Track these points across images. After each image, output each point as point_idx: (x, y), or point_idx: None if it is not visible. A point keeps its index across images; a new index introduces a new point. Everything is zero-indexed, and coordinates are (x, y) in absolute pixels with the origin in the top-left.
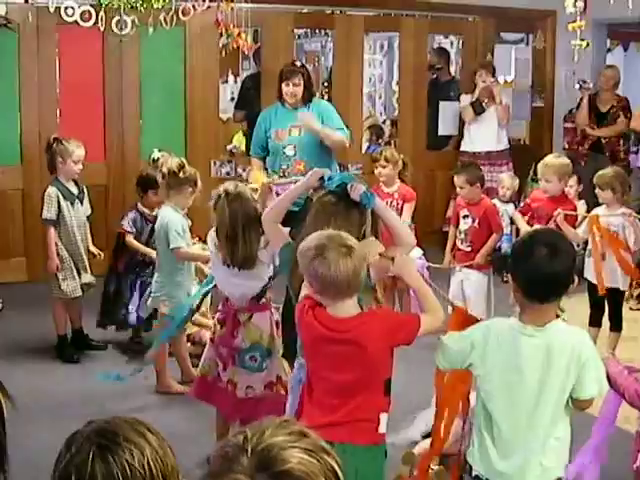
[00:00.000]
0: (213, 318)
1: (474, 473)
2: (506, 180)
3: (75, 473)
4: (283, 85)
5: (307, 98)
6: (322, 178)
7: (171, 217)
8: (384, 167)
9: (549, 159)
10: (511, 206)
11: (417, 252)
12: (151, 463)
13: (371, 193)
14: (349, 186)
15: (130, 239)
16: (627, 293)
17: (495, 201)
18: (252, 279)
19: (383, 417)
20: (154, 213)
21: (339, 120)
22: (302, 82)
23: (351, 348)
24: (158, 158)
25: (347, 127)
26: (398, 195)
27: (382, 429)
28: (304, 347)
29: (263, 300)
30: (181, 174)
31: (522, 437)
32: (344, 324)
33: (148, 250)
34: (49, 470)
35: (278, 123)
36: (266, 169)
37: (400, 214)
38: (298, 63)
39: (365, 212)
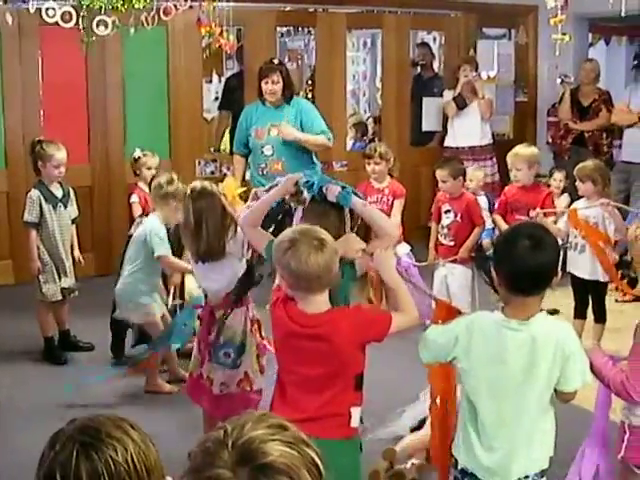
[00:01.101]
0: None
1: (459, 466)
2: (470, 173)
3: (59, 471)
4: (262, 83)
5: (287, 96)
6: (297, 182)
7: (154, 225)
8: (378, 164)
9: (518, 148)
10: (483, 198)
11: (405, 248)
12: (135, 458)
13: (347, 192)
14: (324, 188)
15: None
16: (612, 285)
17: None
18: (221, 272)
19: (355, 411)
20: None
21: (320, 121)
22: (281, 80)
23: (320, 344)
24: (139, 157)
25: (329, 127)
26: (388, 191)
27: (354, 423)
28: (274, 341)
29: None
30: (166, 187)
31: (507, 430)
32: (314, 320)
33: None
34: (35, 470)
35: (258, 121)
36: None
37: (390, 210)
38: (276, 60)
39: (343, 211)
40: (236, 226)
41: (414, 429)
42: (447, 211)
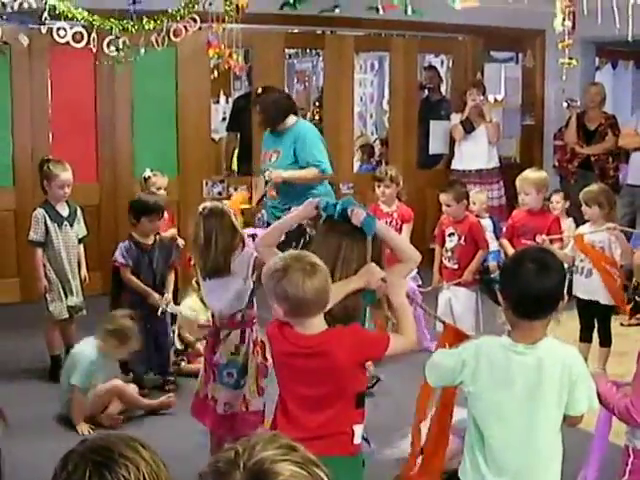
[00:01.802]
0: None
1: None
2: (474, 196)
3: None
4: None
5: (272, 124)
6: (317, 207)
7: (85, 354)
8: (388, 187)
9: (527, 173)
10: (488, 221)
11: (412, 271)
12: (147, 477)
13: (372, 217)
14: (349, 211)
15: (127, 274)
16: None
17: None
18: (226, 289)
19: (357, 429)
20: (149, 241)
21: (313, 151)
22: (260, 111)
23: (318, 361)
24: (149, 177)
25: (328, 152)
26: (397, 215)
27: (357, 440)
28: (274, 363)
29: (240, 316)
30: (108, 325)
31: (515, 454)
32: (311, 340)
33: (147, 290)
34: None
35: (265, 145)
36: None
37: (400, 234)
38: (260, 90)
39: (365, 235)
40: (243, 246)
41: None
42: (451, 234)
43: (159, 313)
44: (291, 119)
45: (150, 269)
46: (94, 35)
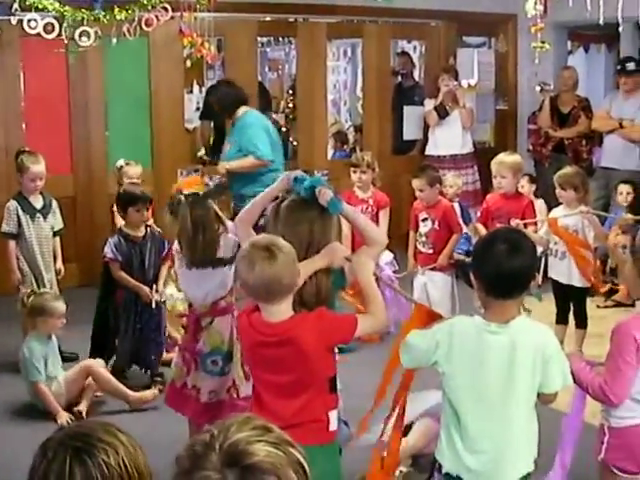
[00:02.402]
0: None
1: (444, 470)
2: (449, 179)
3: (54, 478)
4: None
5: (222, 116)
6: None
7: (32, 348)
8: (364, 172)
9: (502, 156)
10: (456, 205)
11: (387, 256)
12: (126, 461)
13: (338, 199)
14: (317, 190)
15: (117, 270)
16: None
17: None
18: (212, 279)
19: (332, 415)
20: (140, 233)
21: (252, 138)
22: (211, 103)
23: (287, 349)
24: (122, 167)
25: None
26: (373, 201)
27: (332, 427)
28: (244, 352)
29: (223, 303)
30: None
31: (490, 432)
32: (277, 328)
33: (137, 285)
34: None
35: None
36: None
37: (375, 220)
38: (213, 84)
39: (330, 216)
40: (226, 232)
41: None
42: (424, 219)
43: (153, 306)
44: (241, 110)
45: (142, 263)
46: (65, 26)
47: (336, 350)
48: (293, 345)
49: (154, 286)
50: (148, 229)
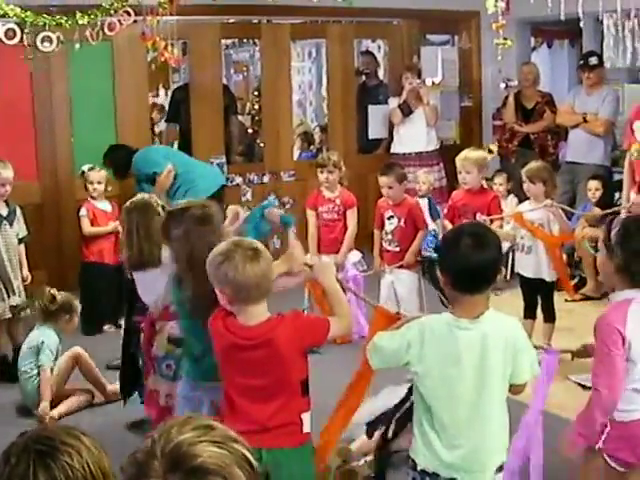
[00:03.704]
0: None
1: (419, 467)
2: (420, 176)
3: None
4: None
5: (122, 172)
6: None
7: (49, 338)
8: (331, 172)
9: (467, 152)
10: (424, 200)
11: (356, 256)
12: (90, 463)
13: (288, 216)
14: (266, 212)
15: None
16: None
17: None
18: (156, 281)
19: (305, 417)
20: None
21: (147, 167)
22: (110, 166)
23: (263, 352)
24: (84, 172)
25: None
26: (340, 201)
27: (306, 429)
28: (217, 356)
29: (173, 309)
30: (50, 307)
31: (467, 427)
32: (255, 330)
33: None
34: None
35: None
36: None
37: (343, 220)
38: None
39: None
40: None
41: (369, 424)
42: (390, 217)
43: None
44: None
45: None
46: (27, 31)
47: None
48: (270, 347)
49: None
50: None
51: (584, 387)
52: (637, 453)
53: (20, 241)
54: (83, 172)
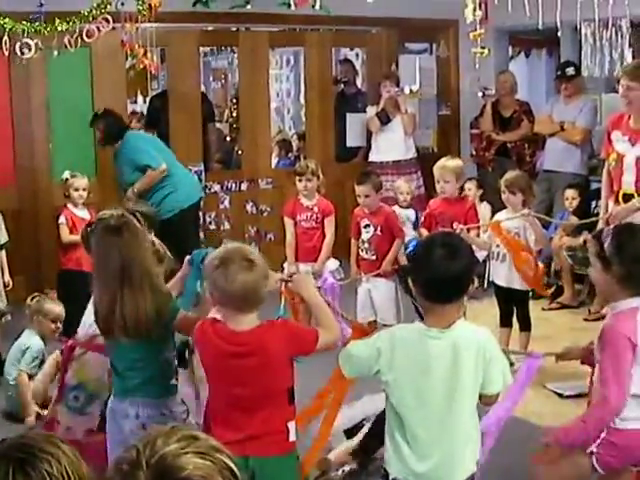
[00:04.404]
0: None
1: (391, 477)
2: (403, 186)
3: None
4: None
5: (109, 141)
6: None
7: (33, 343)
8: (309, 180)
9: (444, 161)
10: (411, 211)
11: (334, 264)
12: (69, 471)
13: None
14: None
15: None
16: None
17: (395, 208)
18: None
19: (291, 425)
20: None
21: (142, 156)
22: (100, 129)
23: (252, 360)
24: (67, 178)
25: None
26: (318, 209)
27: (292, 437)
28: (204, 366)
29: (102, 340)
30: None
31: (437, 437)
32: (244, 337)
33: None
34: None
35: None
36: None
37: (321, 228)
38: (100, 111)
39: None
40: None
41: (347, 431)
42: (366, 225)
43: None
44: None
45: None
46: (6, 38)
47: None
48: (260, 355)
49: None
50: None
51: (561, 395)
52: (626, 463)
53: (1, 247)
54: (66, 179)
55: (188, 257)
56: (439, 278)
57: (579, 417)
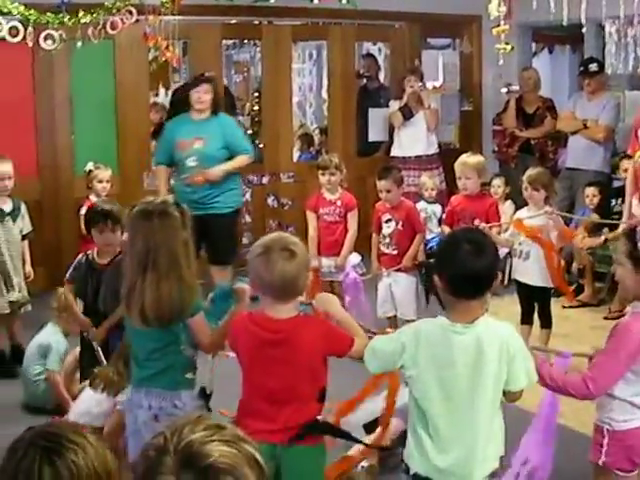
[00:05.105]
0: None
1: (412, 472)
2: (428, 181)
3: (23, 478)
4: (192, 92)
5: (214, 109)
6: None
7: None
8: (333, 174)
9: (465, 158)
10: (438, 206)
11: (356, 258)
12: (95, 461)
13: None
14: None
15: (68, 293)
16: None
17: (421, 203)
18: None
19: (319, 419)
20: (104, 260)
21: (242, 137)
22: (210, 92)
23: (285, 350)
24: (91, 170)
25: (253, 140)
26: (341, 203)
27: None
28: (240, 359)
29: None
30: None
31: (460, 432)
32: (279, 325)
33: (80, 318)
34: None
35: (182, 133)
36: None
37: (344, 222)
38: (208, 74)
39: None
40: None
41: (367, 425)
42: (388, 220)
43: (95, 347)
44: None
45: (95, 294)
46: (30, 29)
47: None
48: (293, 345)
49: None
50: (119, 257)
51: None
52: (633, 460)
53: (24, 237)
54: (90, 171)
55: (210, 295)
56: (465, 274)
57: (568, 375)
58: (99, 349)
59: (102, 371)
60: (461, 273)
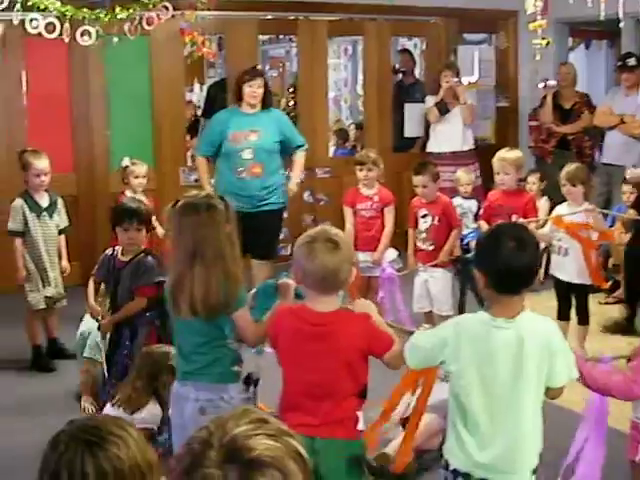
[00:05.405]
0: None
1: (451, 467)
2: (463, 177)
3: (66, 471)
4: (245, 86)
5: (266, 103)
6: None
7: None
8: (370, 170)
9: (503, 153)
10: (474, 202)
11: (393, 254)
12: (137, 455)
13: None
14: (278, 285)
15: (91, 284)
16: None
17: (457, 199)
18: None
19: (360, 414)
20: (125, 257)
21: (296, 131)
22: (263, 86)
23: (325, 344)
24: (127, 166)
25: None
26: (378, 198)
27: (360, 426)
28: (280, 354)
29: None
30: None
31: (500, 427)
32: (321, 317)
33: (93, 307)
34: (29, 476)
35: (235, 126)
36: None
37: (380, 217)
38: (259, 67)
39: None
40: None
41: (405, 419)
42: (424, 215)
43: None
44: None
45: (115, 292)
46: (67, 25)
47: None
48: (334, 338)
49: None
50: (140, 256)
51: None
52: None
53: (61, 232)
54: (126, 166)
55: (253, 291)
56: (509, 269)
57: (611, 374)
58: (105, 340)
59: (122, 389)
60: (505, 269)
